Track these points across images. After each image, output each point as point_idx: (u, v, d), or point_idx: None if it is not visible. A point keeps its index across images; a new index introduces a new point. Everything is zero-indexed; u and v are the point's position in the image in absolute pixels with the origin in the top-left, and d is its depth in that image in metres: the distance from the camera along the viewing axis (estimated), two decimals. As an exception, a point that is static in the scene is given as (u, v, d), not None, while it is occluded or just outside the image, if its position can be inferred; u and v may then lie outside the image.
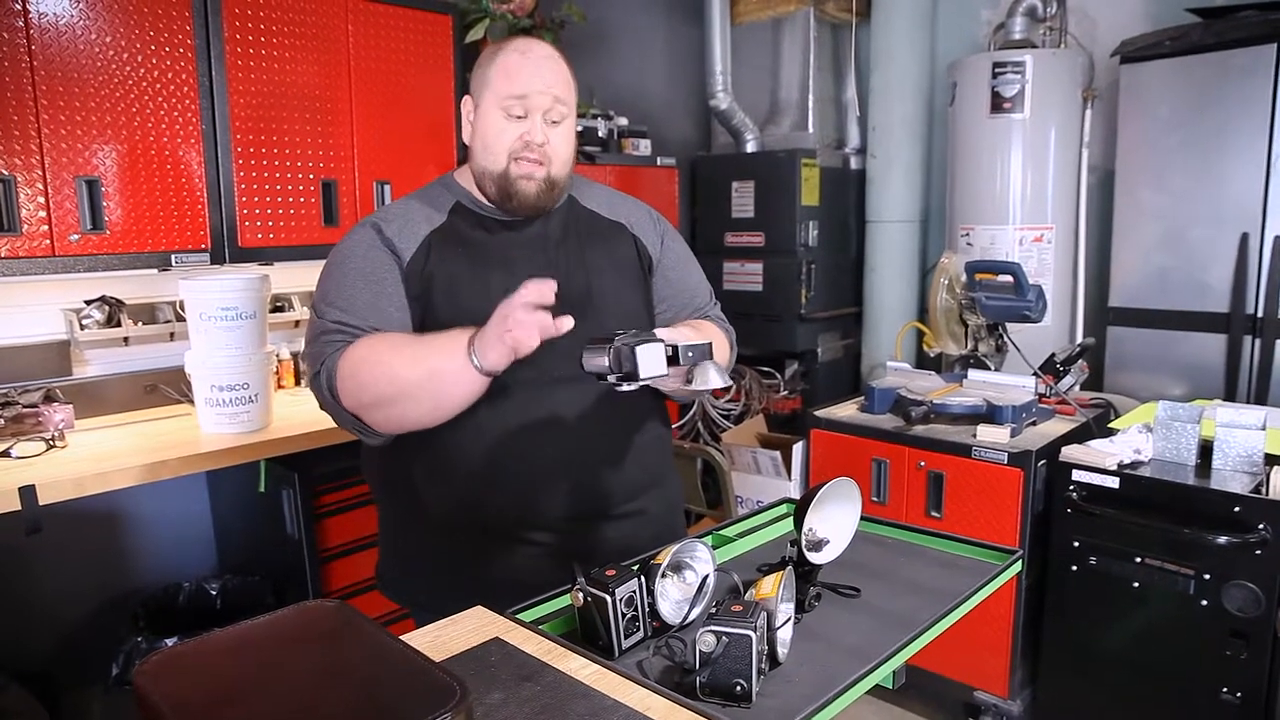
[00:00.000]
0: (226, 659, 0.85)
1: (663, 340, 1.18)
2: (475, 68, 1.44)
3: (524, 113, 1.38)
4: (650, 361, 1.16)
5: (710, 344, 1.24)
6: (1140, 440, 2.24)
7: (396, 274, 1.39)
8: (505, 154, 1.39)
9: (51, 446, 2.13)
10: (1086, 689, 2.32)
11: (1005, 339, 2.78)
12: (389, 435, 1.39)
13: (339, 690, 0.79)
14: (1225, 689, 2.06)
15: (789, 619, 1.10)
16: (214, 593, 2.50)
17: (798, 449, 3.05)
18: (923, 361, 3.42)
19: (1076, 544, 2.27)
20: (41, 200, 2.10)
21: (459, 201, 1.47)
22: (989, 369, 2.78)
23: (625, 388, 1.17)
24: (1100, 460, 2.21)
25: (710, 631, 0.98)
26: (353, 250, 1.41)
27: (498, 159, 1.39)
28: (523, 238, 1.46)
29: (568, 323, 1.19)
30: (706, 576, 1.19)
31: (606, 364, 1.16)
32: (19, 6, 2.02)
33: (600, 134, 3.50)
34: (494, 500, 1.40)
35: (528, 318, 1.17)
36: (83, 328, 2.39)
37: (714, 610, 1.02)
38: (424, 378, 1.27)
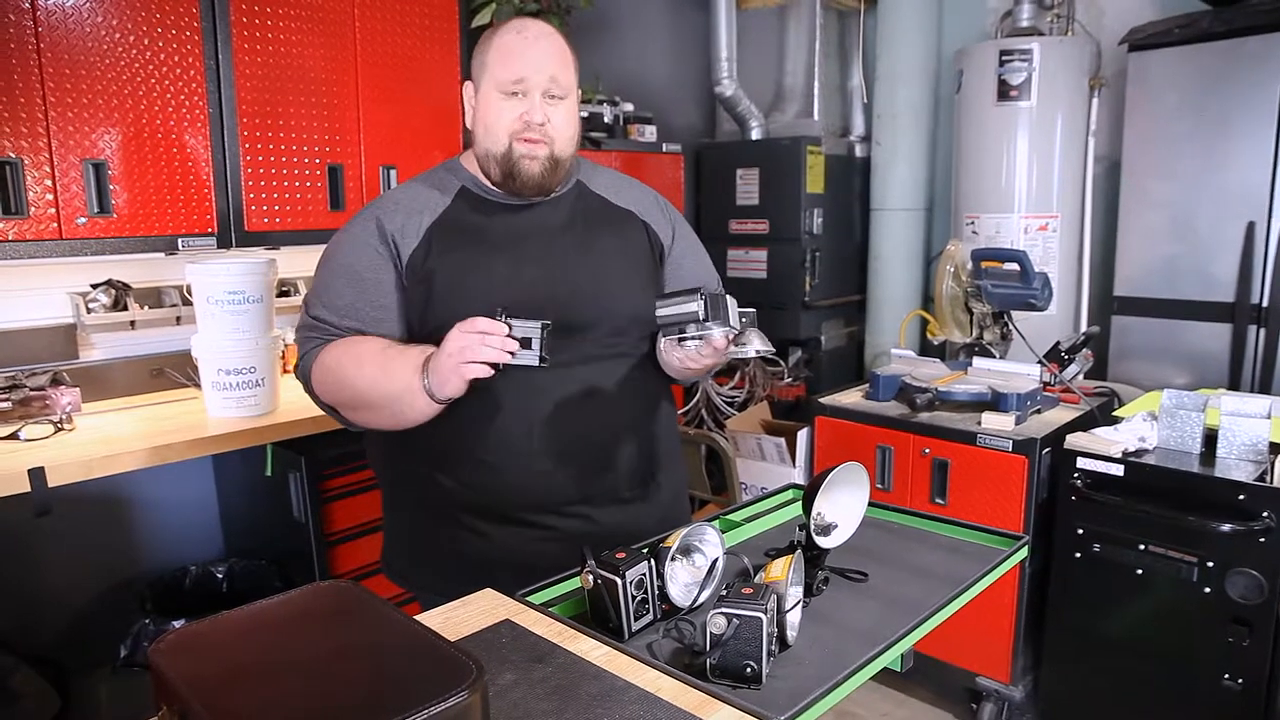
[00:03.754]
0: (242, 637, 0.85)
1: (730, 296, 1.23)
2: (475, 52, 1.45)
3: (522, 93, 1.38)
4: (734, 311, 1.19)
5: (754, 312, 1.28)
6: (1145, 428, 2.24)
7: (387, 272, 1.41)
8: (506, 135, 1.39)
9: (59, 429, 2.13)
10: (1089, 675, 2.33)
11: (1010, 327, 2.78)
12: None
13: (355, 668, 0.79)
14: (1227, 675, 2.07)
15: (798, 602, 1.11)
16: (220, 576, 2.51)
17: (802, 436, 3.06)
18: (926, 349, 3.42)
19: (1080, 531, 2.28)
20: (48, 183, 2.09)
21: (464, 186, 1.47)
22: (994, 357, 2.78)
23: (692, 345, 1.21)
24: (1105, 448, 2.22)
25: (721, 613, 0.99)
26: (345, 245, 1.45)
27: (499, 140, 1.40)
28: (527, 223, 1.45)
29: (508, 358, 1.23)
30: (716, 560, 1.19)
31: (695, 308, 1.16)
32: (25, -12, 2.02)
33: (605, 120, 3.49)
34: (500, 484, 1.41)
35: (481, 352, 1.22)
36: (89, 311, 2.39)
37: (724, 593, 1.03)
38: (382, 401, 1.35)
